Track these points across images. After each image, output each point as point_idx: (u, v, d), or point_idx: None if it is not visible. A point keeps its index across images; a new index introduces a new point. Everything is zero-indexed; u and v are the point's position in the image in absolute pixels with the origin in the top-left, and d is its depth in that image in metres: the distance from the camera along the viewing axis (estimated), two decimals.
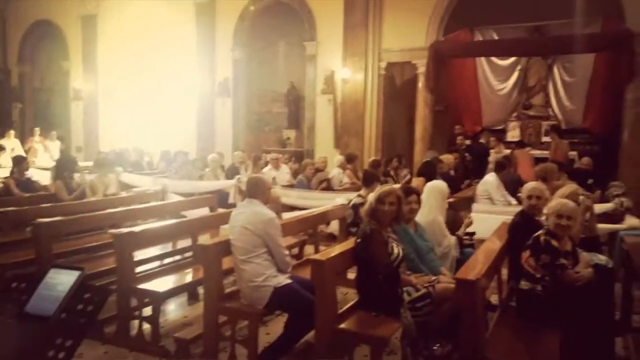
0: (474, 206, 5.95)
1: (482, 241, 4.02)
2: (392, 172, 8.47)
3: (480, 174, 8.53)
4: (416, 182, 5.96)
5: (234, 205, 7.18)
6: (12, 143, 11.86)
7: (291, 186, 7.88)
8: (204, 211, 6.10)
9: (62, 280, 1.91)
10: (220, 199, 6.85)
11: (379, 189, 3.47)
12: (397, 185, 4.42)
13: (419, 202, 3.85)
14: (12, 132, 12.38)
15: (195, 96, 12.43)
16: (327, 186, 7.75)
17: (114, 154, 10.74)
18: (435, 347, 3.29)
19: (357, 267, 3.42)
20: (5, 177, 6.67)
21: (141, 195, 6.71)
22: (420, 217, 3.93)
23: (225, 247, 3.52)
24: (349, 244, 3.58)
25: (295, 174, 8.84)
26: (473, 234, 4.44)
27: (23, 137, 13.27)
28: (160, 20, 12.42)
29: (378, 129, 10.66)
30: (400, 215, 3.44)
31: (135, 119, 13.16)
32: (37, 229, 4.27)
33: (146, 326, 3.80)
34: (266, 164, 8.87)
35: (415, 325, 3.16)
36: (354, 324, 3.12)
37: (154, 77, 12.73)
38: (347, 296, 4.42)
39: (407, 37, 10.19)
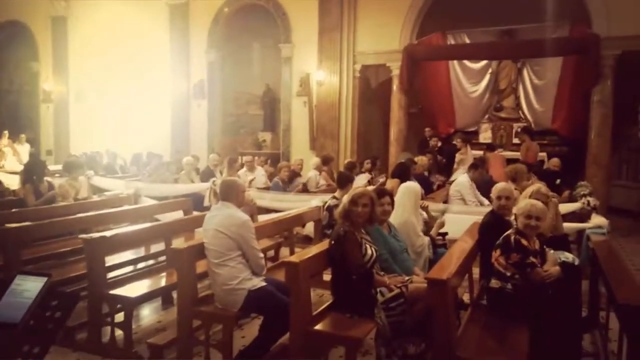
0: (447, 207, 6.04)
1: (454, 241, 4.09)
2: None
3: (450, 175, 8.71)
4: (390, 183, 6.02)
5: (209, 208, 7.12)
6: None
7: (267, 189, 7.86)
8: (179, 214, 6.04)
9: (28, 286, 1.87)
10: (196, 202, 6.78)
11: (352, 191, 3.51)
12: (371, 187, 4.46)
13: (392, 203, 3.89)
14: None
15: (170, 98, 12.30)
16: (303, 188, 7.76)
17: (85, 157, 10.53)
18: (409, 347, 3.33)
19: (332, 268, 3.44)
20: None
21: (113, 199, 6.59)
22: (394, 218, 3.97)
23: (199, 251, 3.50)
24: (324, 245, 3.59)
25: (271, 176, 8.82)
26: (445, 234, 4.52)
27: None
28: (132, 21, 12.27)
29: (353, 130, 10.74)
30: (373, 217, 3.47)
31: (107, 121, 12.94)
32: (4, 235, 4.16)
33: (118, 332, 3.74)
34: (242, 166, 8.83)
35: (389, 325, 3.20)
36: (329, 325, 3.14)
37: (127, 79, 12.55)
38: (323, 298, 4.44)
39: (381, 40, 10.30)
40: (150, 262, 4.98)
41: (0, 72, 14.96)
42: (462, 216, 5.37)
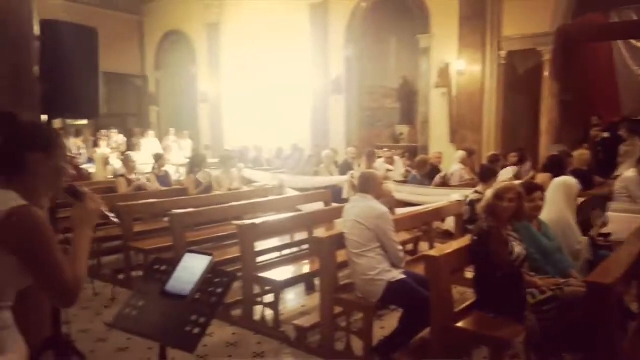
0: (611, 205, 5.38)
1: (619, 243, 3.63)
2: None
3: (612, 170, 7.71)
4: (541, 178, 5.54)
5: (347, 200, 7.30)
6: (151, 142, 13.29)
7: (404, 182, 7.80)
8: (319, 205, 6.29)
9: (195, 264, 2.11)
10: (334, 194, 7.00)
11: (497, 185, 3.31)
12: (517, 182, 4.16)
13: (543, 199, 3.58)
14: (151, 133, 13.92)
15: (310, 94, 12.81)
16: (442, 182, 7.54)
17: (236, 152, 11.47)
18: (564, 355, 3.05)
19: (475, 265, 3.29)
20: (147, 173, 7.48)
21: (261, 190, 7.10)
22: (546, 215, 3.65)
23: (339, 241, 3.60)
24: (466, 241, 3.46)
25: (408, 169, 8.72)
26: (608, 235, 4.03)
27: (160, 137, 14.77)
28: (276, 23, 12.94)
29: (498, 121, 10.11)
30: (521, 213, 3.23)
31: (254, 118, 13.92)
32: (172, 219, 4.73)
33: (268, 312, 4.04)
34: (379, 158, 8.87)
35: (541, 329, 2.96)
36: (472, 323, 3.00)
37: (272, 78, 13.35)
38: (465, 296, 4.26)
39: (530, 22, 9.49)
40: (295, 249, 5.28)
41: (165, 76, 16.93)
42: (629, 216, 4.74)
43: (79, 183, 7.31)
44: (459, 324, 2.98)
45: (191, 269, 2.09)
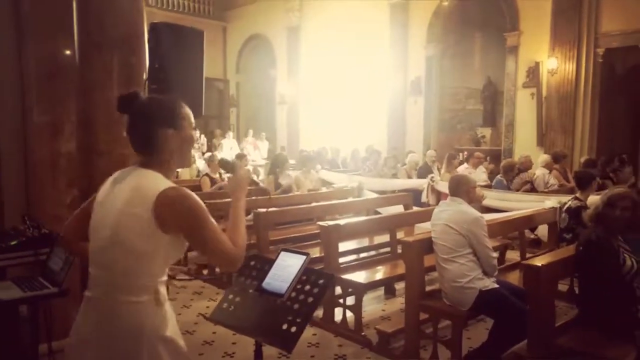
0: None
1: None
2: (611, 174, 7.39)
3: None
4: None
5: (426, 204, 7.11)
6: (230, 142, 13.77)
7: (488, 187, 7.46)
8: (399, 209, 6.16)
9: (291, 262, 2.09)
10: (412, 197, 6.83)
11: (610, 192, 3.05)
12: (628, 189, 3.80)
13: None
14: (231, 133, 14.41)
15: (387, 96, 12.65)
16: (531, 188, 7.13)
17: (314, 153, 11.54)
18: None
19: (579, 277, 3.06)
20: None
21: (339, 191, 7.08)
22: None
23: (427, 245, 3.48)
24: (566, 251, 3.24)
25: (491, 174, 8.35)
26: None
27: (239, 138, 15.24)
28: (355, 24, 12.89)
29: (592, 124, 9.42)
30: (636, 223, 2.95)
31: (330, 119, 13.97)
32: (257, 217, 4.82)
33: (349, 314, 3.98)
34: (460, 163, 8.56)
35: None
36: (575, 340, 2.78)
37: (349, 79, 13.33)
38: (561, 309, 3.98)
39: (632, 17, 8.77)
40: (372, 252, 5.18)
41: (246, 80, 17.45)
42: None
43: None
44: (560, 340, 2.77)
45: (287, 267, 2.08)
